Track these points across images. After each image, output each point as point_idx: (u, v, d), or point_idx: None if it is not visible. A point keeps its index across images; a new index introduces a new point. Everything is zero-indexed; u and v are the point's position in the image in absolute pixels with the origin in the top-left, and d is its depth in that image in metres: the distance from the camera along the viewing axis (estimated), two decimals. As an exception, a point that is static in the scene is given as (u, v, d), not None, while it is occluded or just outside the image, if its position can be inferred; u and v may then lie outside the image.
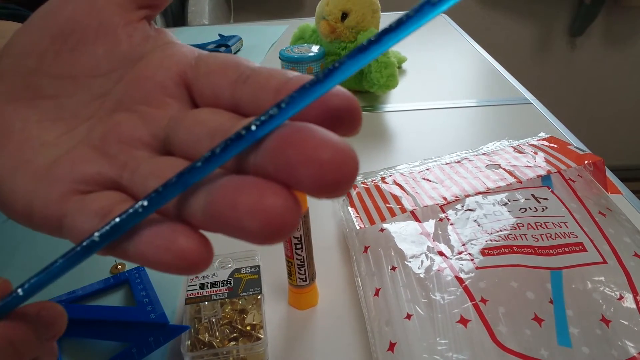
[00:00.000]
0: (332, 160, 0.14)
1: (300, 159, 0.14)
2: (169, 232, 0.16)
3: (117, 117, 0.21)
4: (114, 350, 0.36)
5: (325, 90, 0.15)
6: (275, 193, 0.14)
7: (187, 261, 0.16)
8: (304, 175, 0.14)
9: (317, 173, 0.14)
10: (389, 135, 0.66)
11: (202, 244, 0.16)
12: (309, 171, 0.14)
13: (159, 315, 0.37)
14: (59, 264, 0.18)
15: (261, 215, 0.14)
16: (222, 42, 0.98)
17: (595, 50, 2.02)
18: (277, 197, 0.14)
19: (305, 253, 0.37)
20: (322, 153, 0.14)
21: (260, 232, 0.14)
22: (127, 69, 0.22)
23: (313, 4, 0.77)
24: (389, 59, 0.69)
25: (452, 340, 0.31)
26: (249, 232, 0.14)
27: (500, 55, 0.94)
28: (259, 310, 0.37)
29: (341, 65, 0.15)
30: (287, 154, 0.14)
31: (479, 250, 0.37)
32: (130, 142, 0.20)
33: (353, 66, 0.15)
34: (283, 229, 0.14)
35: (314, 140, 0.14)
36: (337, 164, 0.14)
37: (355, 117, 0.16)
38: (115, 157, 0.20)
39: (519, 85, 0.79)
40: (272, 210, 0.14)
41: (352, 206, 0.46)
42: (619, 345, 0.31)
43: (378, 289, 0.37)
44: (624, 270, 0.35)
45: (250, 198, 0.14)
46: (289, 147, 0.14)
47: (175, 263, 0.16)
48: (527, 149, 0.50)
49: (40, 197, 0.20)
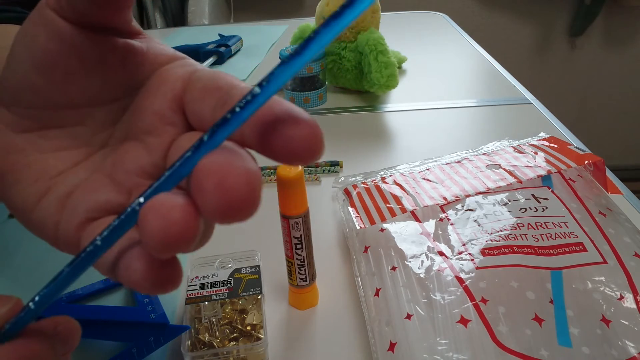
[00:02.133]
0: (233, 190, 0.15)
1: (207, 185, 0.15)
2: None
3: (126, 146, 0.23)
4: (114, 350, 0.36)
5: (305, 61, 0.15)
6: (182, 211, 0.16)
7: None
8: (206, 199, 0.15)
9: (218, 200, 0.15)
10: (389, 135, 0.66)
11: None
12: (210, 197, 0.15)
13: (159, 315, 0.37)
14: (66, 273, 0.18)
15: (163, 223, 0.16)
16: (222, 42, 0.98)
17: (595, 50, 2.02)
18: (181, 214, 0.16)
19: (306, 253, 0.37)
20: (226, 182, 0.15)
21: (156, 235, 0.16)
22: (131, 97, 0.24)
23: (313, 4, 0.77)
24: (389, 59, 0.69)
25: (452, 340, 0.31)
26: (149, 233, 0.16)
27: (500, 55, 0.94)
28: (259, 310, 0.37)
29: (317, 35, 0.15)
30: (198, 180, 0.15)
31: (479, 250, 0.37)
32: (135, 171, 0.22)
33: (329, 34, 0.15)
34: (176, 239, 0.16)
35: (222, 168, 0.15)
36: (238, 194, 0.15)
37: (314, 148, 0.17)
38: (122, 184, 0.22)
39: (519, 85, 0.79)
40: (172, 221, 0.16)
41: (353, 206, 0.46)
42: (619, 345, 0.31)
43: (378, 289, 0.37)
44: (624, 270, 0.35)
45: (159, 211, 0.16)
46: (200, 174, 0.16)
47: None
48: (527, 149, 0.50)
49: (63, 228, 0.22)
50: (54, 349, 0.21)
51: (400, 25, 1.12)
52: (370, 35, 0.71)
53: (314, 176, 0.57)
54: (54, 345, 0.21)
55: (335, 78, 0.78)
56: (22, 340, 0.20)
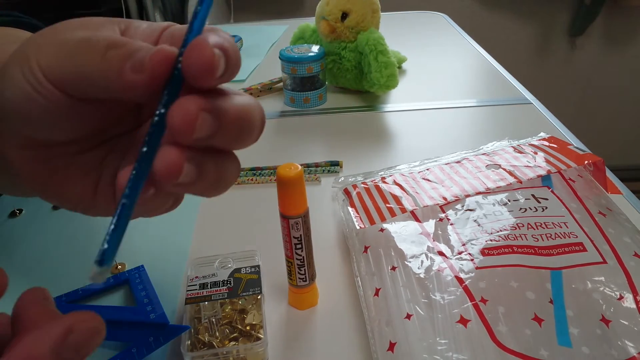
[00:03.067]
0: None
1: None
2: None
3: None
4: (114, 350, 0.36)
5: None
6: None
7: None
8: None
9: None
10: (389, 135, 0.66)
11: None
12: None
13: (159, 315, 0.37)
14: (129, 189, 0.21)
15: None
16: (222, 42, 0.98)
17: (595, 50, 2.02)
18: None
19: (305, 253, 0.37)
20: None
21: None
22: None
23: (313, 4, 0.77)
24: (389, 59, 0.69)
25: (452, 340, 0.31)
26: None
27: (500, 55, 0.94)
28: (259, 310, 0.37)
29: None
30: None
31: (479, 250, 0.37)
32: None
33: None
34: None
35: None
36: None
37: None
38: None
39: (519, 85, 0.79)
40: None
41: (352, 206, 0.46)
42: (619, 345, 0.31)
43: (378, 289, 0.37)
44: (624, 270, 0.35)
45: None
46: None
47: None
48: (527, 149, 0.50)
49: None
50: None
51: (400, 25, 1.12)
52: (370, 35, 0.71)
53: (314, 176, 0.57)
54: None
55: (335, 78, 0.78)
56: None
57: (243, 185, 0.56)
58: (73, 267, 0.45)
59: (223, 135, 0.22)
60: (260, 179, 0.57)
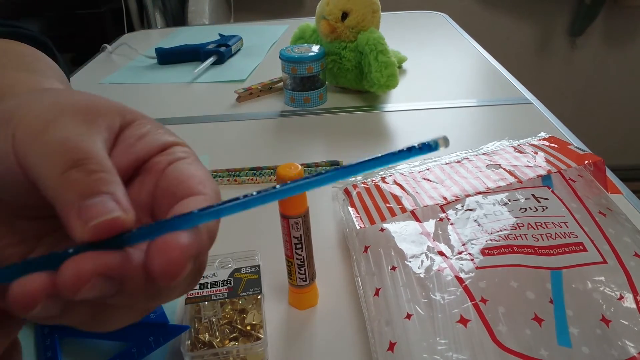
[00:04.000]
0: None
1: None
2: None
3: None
4: (113, 350, 0.36)
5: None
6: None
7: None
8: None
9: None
10: (389, 135, 0.66)
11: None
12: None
13: (159, 315, 0.37)
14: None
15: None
16: (223, 42, 0.98)
17: (595, 50, 2.02)
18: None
19: (305, 253, 0.37)
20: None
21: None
22: None
23: (313, 4, 0.77)
24: (389, 59, 0.69)
25: (452, 340, 0.31)
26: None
27: (500, 55, 0.94)
28: (259, 310, 0.37)
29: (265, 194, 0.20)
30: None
31: (479, 250, 0.37)
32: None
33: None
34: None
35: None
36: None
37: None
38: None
39: (519, 85, 0.79)
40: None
41: (352, 206, 0.46)
42: (619, 345, 0.31)
43: (378, 289, 0.37)
44: (624, 270, 0.35)
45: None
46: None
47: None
48: (527, 148, 0.50)
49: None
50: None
51: (400, 25, 1.12)
52: (370, 35, 0.71)
53: (314, 176, 0.57)
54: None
55: (335, 78, 0.78)
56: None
57: (243, 185, 0.56)
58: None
59: (121, 297, 0.19)
60: (260, 178, 0.57)
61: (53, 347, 0.37)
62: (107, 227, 0.18)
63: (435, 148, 0.19)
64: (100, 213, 0.18)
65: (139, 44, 1.08)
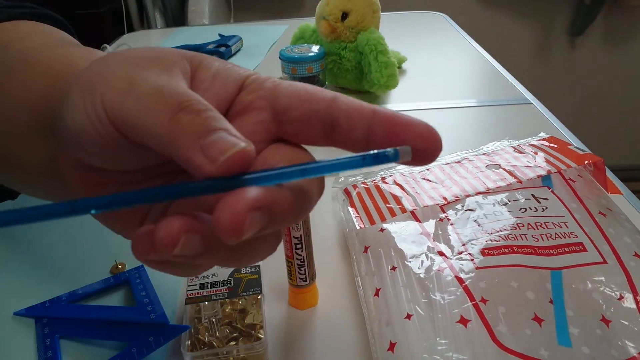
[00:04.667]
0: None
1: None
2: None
3: None
4: (114, 350, 0.36)
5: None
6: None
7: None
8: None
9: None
10: (389, 135, 0.66)
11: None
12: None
13: (159, 315, 0.37)
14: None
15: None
16: (222, 42, 0.98)
17: (595, 50, 2.02)
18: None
19: (306, 253, 0.37)
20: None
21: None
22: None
23: (313, 4, 0.77)
24: (389, 59, 0.69)
25: (452, 340, 0.31)
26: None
27: (500, 55, 0.94)
28: (259, 310, 0.37)
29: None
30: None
31: (479, 250, 0.37)
32: None
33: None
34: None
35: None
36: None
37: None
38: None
39: (519, 85, 0.79)
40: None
41: (352, 206, 0.46)
42: (619, 345, 0.31)
43: (378, 289, 0.37)
44: (624, 270, 0.35)
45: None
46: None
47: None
48: (527, 149, 0.50)
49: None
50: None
51: (400, 25, 1.12)
52: (370, 35, 0.71)
53: (314, 176, 0.57)
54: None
55: (335, 78, 0.78)
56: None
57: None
58: (73, 267, 0.45)
59: (273, 226, 0.19)
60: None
61: (53, 347, 0.37)
62: (239, 160, 0.18)
63: (394, 159, 0.19)
64: (227, 147, 0.18)
65: (139, 44, 1.08)
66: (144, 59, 0.21)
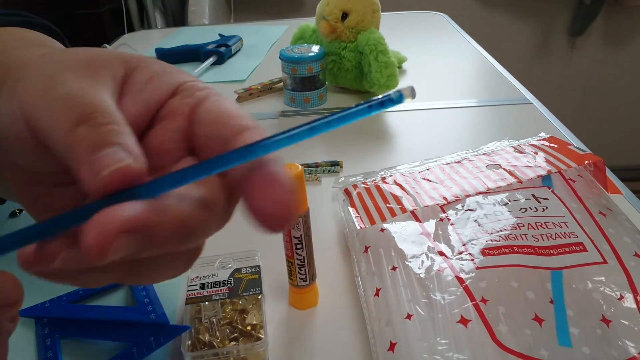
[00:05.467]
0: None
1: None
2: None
3: None
4: (114, 350, 0.36)
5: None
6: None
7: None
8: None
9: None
10: (389, 135, 0.66)
11: None
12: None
13: (159, 315, 0.37)
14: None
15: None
16: (222, 42, 0.98)
17: (595, 50, 2.02)
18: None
19: (306, 253, 0.37)
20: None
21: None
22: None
23: (313, 4, 0.77)
24: (389, 59, 0.69)
25: (452, 340, 0.31)
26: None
27: (500, 55, 0.94)
28: (259, 310, 0.37)
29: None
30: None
31: (480, 250, 0.37)
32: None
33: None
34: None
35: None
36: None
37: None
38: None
39: (519, 85, 0.79)
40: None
41: (353, 206, 0.46)
42: (619, 345, 0.31)
43: (378, 289, 0.37)
44: (624, 270, 0.35)
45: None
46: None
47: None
48: (527, 149, 0.50)
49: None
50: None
51: (400, 25, 1.12)
52: (370, 35, 0.71)
53: (314, 176, 0.57)
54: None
55: (335, 78, 0.78)
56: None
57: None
58: (73, 267, 0.45)
59: (156, 248, 0.18)
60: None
61: (53, 347, 0.37)
62: (119, 176, 0.17)
63: (399, 101, 0.18)
64: (111, 162, 0.17)
65: (138, 44, 1.08)
66: (75, 61, 0.21)
